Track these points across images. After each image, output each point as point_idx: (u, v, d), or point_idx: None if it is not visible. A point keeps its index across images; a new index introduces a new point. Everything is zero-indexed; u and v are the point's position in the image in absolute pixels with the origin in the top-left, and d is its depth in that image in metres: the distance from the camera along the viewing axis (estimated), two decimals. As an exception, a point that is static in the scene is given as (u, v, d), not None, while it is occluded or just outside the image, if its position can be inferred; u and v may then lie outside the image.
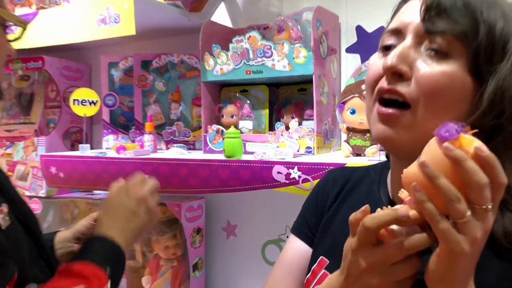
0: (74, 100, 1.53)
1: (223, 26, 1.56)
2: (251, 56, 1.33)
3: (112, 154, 1.45)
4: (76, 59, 1.91)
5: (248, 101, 1.43)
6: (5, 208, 0.78)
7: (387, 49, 0.58)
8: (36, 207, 1.77)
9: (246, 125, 1.42)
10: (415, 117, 0.54)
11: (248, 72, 1.34)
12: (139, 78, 1.67)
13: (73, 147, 1.87)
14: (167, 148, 1.62)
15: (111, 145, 1.69)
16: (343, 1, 1.47)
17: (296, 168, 1.09)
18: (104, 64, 1.75)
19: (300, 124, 1.35)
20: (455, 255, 0.44)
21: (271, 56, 1.30)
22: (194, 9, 1.54)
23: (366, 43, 1.42)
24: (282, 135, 1.32)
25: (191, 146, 1.62)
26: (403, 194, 0.50)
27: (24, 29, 0.92)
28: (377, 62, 0.58)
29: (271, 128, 1.43)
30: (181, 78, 1.67)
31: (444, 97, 0.54)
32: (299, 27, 1.34)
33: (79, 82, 1.92)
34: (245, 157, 1.23)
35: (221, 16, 1.69)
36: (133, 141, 1.67)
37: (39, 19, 1.50)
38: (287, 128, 1.33)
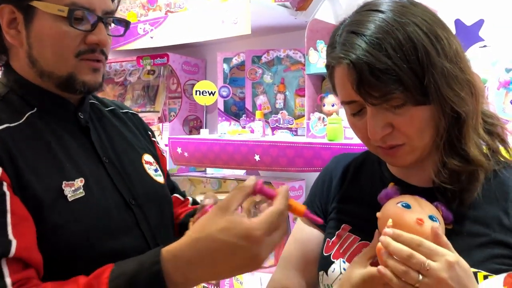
0: (196, 91, 1.77)
1: (327, 23, 1.69)
2: (352, 50, 1.46)
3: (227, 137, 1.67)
4: (194, 55, 2.17)
5: (348, 92, 1.56)
6: (79, 182, 0.81)
7: (355, 114, 0.75)
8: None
9: (346, 113, 1.55)
10: (409, 145, 0.74)
11: (349, 65, 1.47)
12: (250, 71, 1.88)
13: (191, 133, 2.14)
14: (273, 134, 1.81)
15: (225, 130, 1.92)
16: (443, -4, 1.53)
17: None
18: (220, 59, 1.98)
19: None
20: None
21: (371, 50, 1.42)
22: (300, 8, 1.70)
23: (464, 37, 1.48)
24: (379, 122, 1.44)
25: (294, 132, 1.79)
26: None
27: (127, 28, 0.97)
28: (357, 124, 0.76)
29: (369, 116, 1.55)
30: (286, 71, 1.84)
31: (420, 129, 0.72)
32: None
33: (196, 75, 2.19)
34: (346, 141, 1.37)
35: (324, 13, 1.83)
36: (243, 127, 1.88)
37: (167, 22, 1.77)
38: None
